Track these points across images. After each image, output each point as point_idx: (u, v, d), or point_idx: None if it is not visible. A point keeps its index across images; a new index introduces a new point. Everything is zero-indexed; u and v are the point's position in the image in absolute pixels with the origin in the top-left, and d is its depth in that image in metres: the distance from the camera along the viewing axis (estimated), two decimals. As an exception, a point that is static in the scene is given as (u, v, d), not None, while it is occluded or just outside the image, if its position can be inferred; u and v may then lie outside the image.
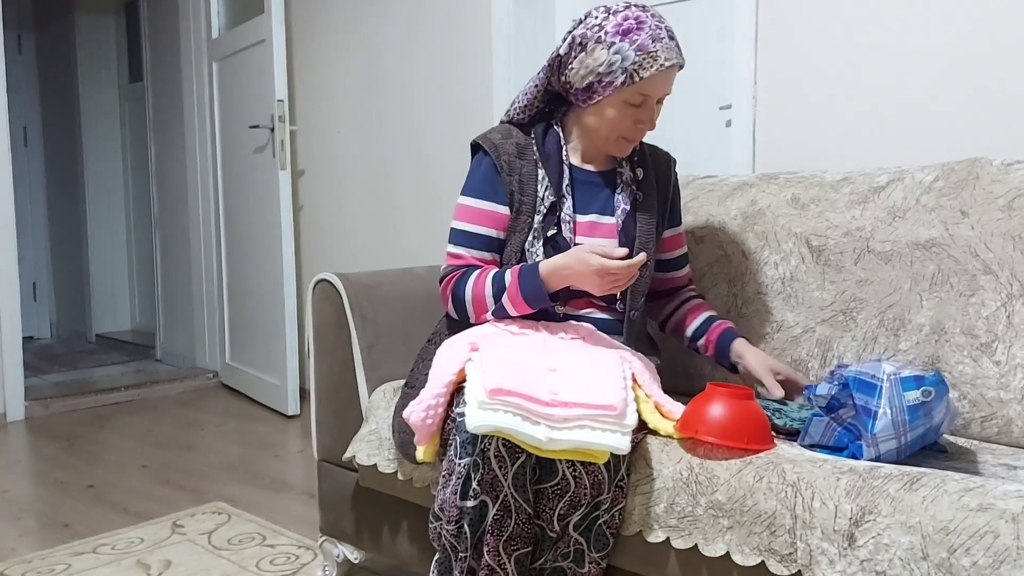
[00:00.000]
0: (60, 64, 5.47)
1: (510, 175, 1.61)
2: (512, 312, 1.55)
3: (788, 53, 2.31)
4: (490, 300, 1.56)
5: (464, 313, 1.61)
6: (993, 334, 1.53)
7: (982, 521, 1.08)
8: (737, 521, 1.27)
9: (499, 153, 1.62)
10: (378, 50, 3.49)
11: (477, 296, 1.57)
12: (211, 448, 3.13)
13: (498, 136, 1.65)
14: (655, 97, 1.57)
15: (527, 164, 1.62)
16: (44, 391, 4.00)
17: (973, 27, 2.01)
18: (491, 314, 1.57)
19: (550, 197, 1.60)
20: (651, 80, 1.53)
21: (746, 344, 1.66)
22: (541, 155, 1.63)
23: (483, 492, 1.31)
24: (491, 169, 1.63)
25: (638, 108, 1.57)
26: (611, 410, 1.28)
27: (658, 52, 1.51)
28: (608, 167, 1.68)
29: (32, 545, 2.24)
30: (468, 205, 1.64)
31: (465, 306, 1.59)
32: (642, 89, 1.54)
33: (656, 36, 1.52)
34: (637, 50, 1.51)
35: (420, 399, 1.42)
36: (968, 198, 1.61)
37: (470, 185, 1.66)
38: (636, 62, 1.51)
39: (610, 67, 1.53)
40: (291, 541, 2.22)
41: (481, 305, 1.57)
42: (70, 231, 5.57)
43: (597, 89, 1.56)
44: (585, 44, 1.55)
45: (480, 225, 1.63)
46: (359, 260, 3.68)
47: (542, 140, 1.64)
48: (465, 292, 1.59)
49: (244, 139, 3.78)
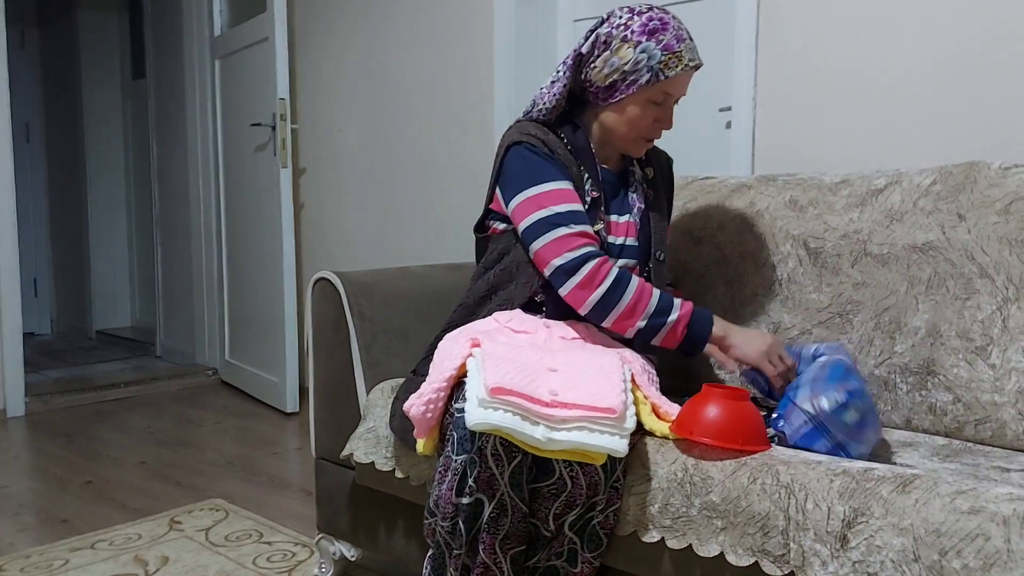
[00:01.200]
0: (63, 60, 5.48)
1: (567, 166, 1.60)
2: (658, 341, 1.54)
3: (788, 56, 2.31)
4: (647, 314, 1.52)
5: (607, 309, 1.52)
6: (988, 337, 1.54)
7: (973, 524, 1.08)
8: (731, 522, 1.28)
9: (550, 149, 1.60)
10: (380, 49, 3.50)
11: (638, 302, 1.52)
12: (209, 445, 3.14)
13: (539, 133, 1.61)
14: (675, 96, 1.62)
15: (572, 161, 1.63)
16: (44, 387, 4.01)
17: (972, 31, 2.02)
18: (639, 328, 1.53)
19: (593, 193, 1.62)
20: (675, 79, 1.58)
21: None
22: (575, 153, 1.64)
23: (479, 490, 1.31)
24: (546, 158, 1.59)
25: (659, 107, 1.60)
26: (611, 413, 1.28)
27: (683, 52, 1.56)
28: (621, 167, 1.72)
29: (30, 540, 2.25)
30: (552, 188, 1.56)
31: (617, 302, 1.52)
32: (666, 88, 1.58)
33: (680, 37, 1.57)
34: (664, 49, 1.55)
35: (420, 392, 1.42)
36: (965, 201, 1.62)
37: (534, 173, 1.57)
38: (663, 61, 1.55)
39: (636, 65, 1.56)
40: (288, 538, 2.23)
41: (635, 312, 1.52)
42: (71, 227, 5.58)
43: (620, 88, 1.58)
44: (610, 43, 1.58)
45: (577, 204, 1.56)
46: (359, 258, 3.68)
47: (574, 140, 1.65)
48: (628, 290, 1.52)
49: (246, 137, 3.79)
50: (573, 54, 1.62)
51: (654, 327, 1.53)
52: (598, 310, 1.52)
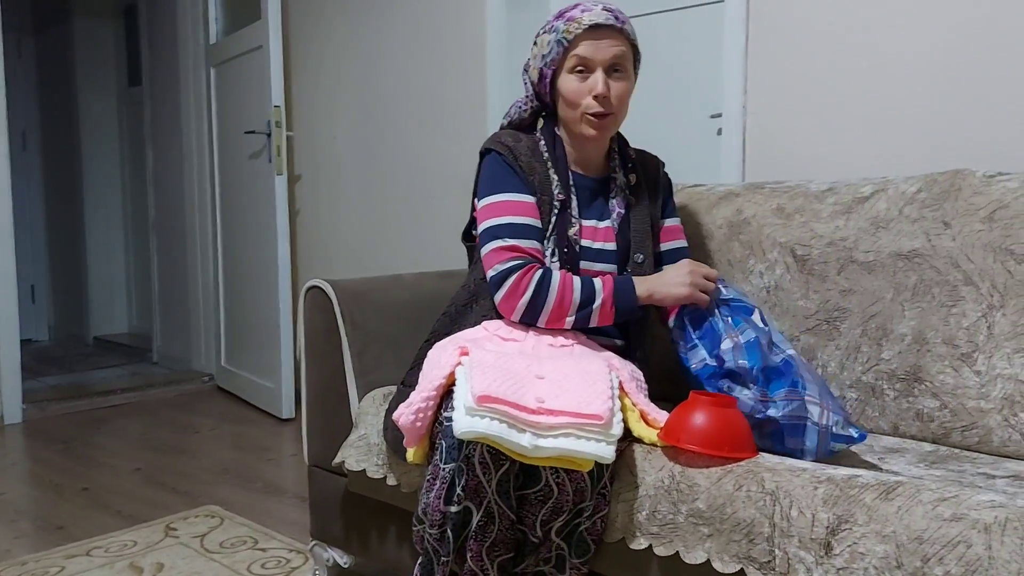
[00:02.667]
0: (59, 68, 5.50)
1: (530, 175, 1.64)
2: (595, 322, 1.58)
3: (777, 63, 2.33)
4: (574, 307, 1.55)
5: (535, 313, 1.56)
6: (974, 344, 1.55)
7: (955, 531, 1.09)
8: (717, 529, 1.29)
9: (515, 154, 1.65)
10: (374, 57, 3.51)
11: (563, 299, 1.55)
12: (205, 451, 3.15)
13: (508, 139, 1.68)
14: (595, 62, 1.60)
15: (540, 165, 1.65)
16: (42, 394, 4.02)
17: (958, 39, 2.03)
18: (570, 322, 1.56)
19: (560, 196, 1.64)
20: (578, 40, 1.60)
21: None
22: (551, 156, 1.67)
23: (467, 498, 1.33)
24: (509, 167, 1.64)
25: (583, 76, 1.61)
26: (597, 419, 1.30)
27: (583, 17, 1.60)
28: (603, 174, 1.72)
29: (26, 547, 2.26)
30: (502, 200, 1.62)
31: (543, 306, 1.55)
32: (576, 52, 1.60)
33: (585, 8, 1.62)
34: (566, 21, 1.61)
35: (409, 402, 1.43)
36: (950, 209, 1.63)
37: (494, 183, 1.64)
38: (564, 29, 1.60)
39: (548, 45, 1.63)
40: (283, 545, 2.24)
41: (562, 309, 1.55)
42: (68, 234, 5.59)
43: (546, 73, 1.64)
44: (535, 40, 1.67)
45: (523, 216, 1.61)
46: (354, 265, 3.70)
47: (552, 143, 1.68)
48: (550, 292, 1.55)
49: (241, 144, 3.80)
50: (524, 64, 1.72)
51: (585, 316, 1.57)
52: (528, 315, 1.57)
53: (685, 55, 2.64)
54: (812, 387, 1.44)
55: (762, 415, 1.45)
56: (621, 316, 1.59)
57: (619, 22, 1.61)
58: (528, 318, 1.57)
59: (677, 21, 2.65)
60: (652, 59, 2.72)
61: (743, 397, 1.48)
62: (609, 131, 1.66)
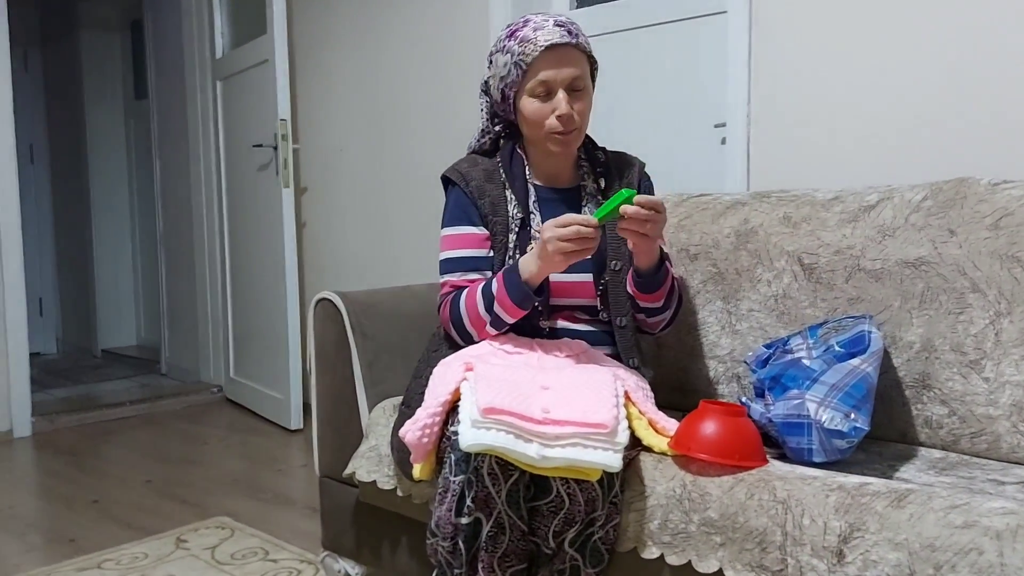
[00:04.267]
0: (66, 81, 5.53)
1: (481, 199, 1.66)
2: (508, 319, 1.58)
3: (781, 73, 2.34)
4: (483, 312, 1.58)
5: (466, 333, 1.62)
6: (982, 351, 1.56)
7: (967, 538, 1.10)
8: (729, 538, 1.30)
9: (466, 181, 1.68)
10: (379, 69, 3.54)
11: (471, 312, 1.60)
12: (215, 462, 3.16)
13: (464, 165, 1.71)
14: (556, 83, 1.58)
15: (495, 187, 1.67)
16: (50, 407, 4.04)
17: (963, 48, 2.04)
18: (490, 326, 1.59)
19: (519, 215, 1.65)
20: (538, 64, 1.57)
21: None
22: (508, 176, 1.68)
23: (477, 509, 1.34)
24: (462, 196, 1.68)
25: (546, 98, 1.60)
26: (603, 428, 1.31)
27: (538, 37, 1.57)
28: (573, 183, 1.72)
29: (37, 561, 2.27)
30: (448, 234, 1.70)
31: (464, 325, 1.62)
32: (536, 76, 1.58)
33: (538, 26, 1.59)
34: (521, 42, 1.59)
35: (416, 418, 1.45)
36: (956, 217, 1.64)
37: (446, 217, 1.71)
38: (520, 51, 1.58)
39: (505, 67, 1.61)
40: (293, 556, 2.25)
41: (478, 320, 1.59)
42: (76, 247, 5.62)
43: (508, 94, 1.64)
44: (491, 60, 1.66)
45: (462, 248, 1.67)
46: (362, 276, 3.71)
47: (509, 163, 1.70)
48: (460, 311, 1.61)
49: (248, 157, 3.82)
50: (481, 84, 1.72)
51: (496, 316, 1.58)
52: (459, 334, 1.64)
53: (689, 65, 2.66)
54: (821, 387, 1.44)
55: (766, 419, 1.46)
56: (523, 303, 1.55)
57: (573, 36, 1.59)
58: (461, 337, 1.64)
59: (681, 32, 2.66)
60: (656, 69, 2.74)
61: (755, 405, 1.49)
62: (574, 145, 1.66)
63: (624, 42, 2.80)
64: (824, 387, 1.44)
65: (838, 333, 1.59)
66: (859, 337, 1.55)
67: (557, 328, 1.65)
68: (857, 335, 1.55)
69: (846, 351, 1.53)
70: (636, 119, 2.80)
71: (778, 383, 1.52)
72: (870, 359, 1.48)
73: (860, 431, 1.40)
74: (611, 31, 2.83)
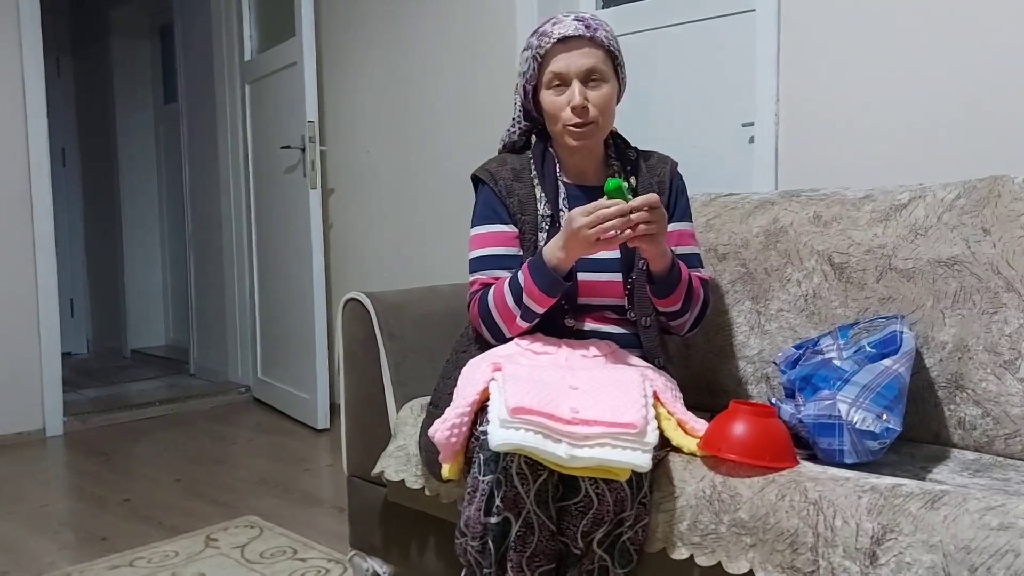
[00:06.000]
0: (97, 86, 5.61)
1: (509, 197, 1.67)
2: (538, 309, 1.56)
3: (809, 71, 2.32)
4: (513, 306, 1.57)
5: (496, 329, 1.62)
6: (1016, 351, 1.54)
7: (1003, 540, 1.08)
8: (760, 539, 1.29)
9: (495, 180, 1.69)
10: (406, 72, 3.55)
11: (500, 307, 1.59)
12: (243, 462, 3.19)
13: (494, 165, 1.72)
14: (569, 74, 1.60)
15: (524, 185, 1.68)
16: (82, 406, 4.09)
17: (994, 45, 2.02)
18: (520, 319, 1.58)
19: (548, 213, 1.65)
20: (551, 56, 1.61)
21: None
22: (539, 174, 1.69)
23: (506, 509, 1.34)
24: (491, 195, 1.69)
25: (560, 90, 1.61)
26: (631, 428, 1.30)
27: (553, 30, 1.61)
28: (601, 182, 1.71)
29: (70, 559, 2.30)
30: (477, 233, 1.71)
31: (495, 321, 1.61)
32: (550, 68, 1.61)
33: (557, 21, 1.62)
34: (539, 36, 1.62)
35: (445, 418, 1.45)
36: (990, 215, 1.62)
37: (476, 216, 1.72)
38: (537, 46, 1.62)
39: (526, 63, 1.65)
40: (321, 555, 2.26)
41: (507, 314, 1.59)
42: (106, 249, 5.69)
43: (528, 89, 1.67)
44: (520, 59, 1.69)
45: (491, 247, 1.68)
46: (388, 277, 3.73)
47: (540, 161, 1.71)
48: (489, 307, 1.61)
49: (276, 159, 3.85)
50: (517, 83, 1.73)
51: (526, 308, 1.56)
52: (490, 331, 1.64)
53: (717, 64, 2.64)
54: (853, 388, 1.43)
55: (796, 420, 1.45)
56: (552, 289, 1.53)
57: (589, 31, 1.60)
58: (493, 334, 1.63)
59: (708, 30, 2.65)
60: (684, 68, 2.73)
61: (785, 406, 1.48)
62: (593, 139, 1.65)
63: (651, 41, 2.80)
64: (856, 388, 1.42)
65: (869, 333, 1.58)
66: (891, 337, 1.53)
67: (585, 329, 1.65)
68: (889, 335, 1.54)
69: (877, 351, 1.52)
70: (664, 119, 2.79)
71: (809, 383, 1.51)
72: (902, 359, 1.47)
73: (892, 432, 1.39)
74: (638, 30, 2.82)
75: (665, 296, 1.60)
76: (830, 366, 1.51)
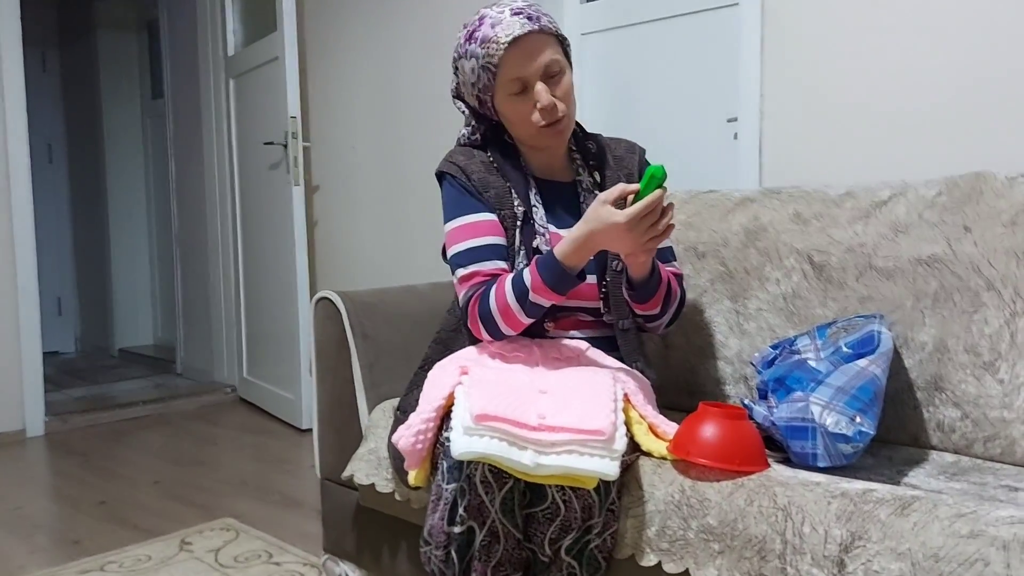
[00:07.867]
0: (83, 81, 5.56)
1: (485, 192, 1.58)
2: (547, 305, 1.47)
3: (794, 67, 2.29)
4: (516, 306, 1.47)
5: (497, 330, 1.51)
6: (996, 352, 1.50)
7: (972, 548, 1.05)
8: (728, 545, 1.25)
9: (467, 173, 1.59)
10: (391, 67, 3.51)
11: (502, 307, 1.48)
12: (224, 463, 3.15)
13: (461, 158, 1.62)
14: (530, 76, 1.51)
15: (497, 179, 1.59)
16: (65, 406, 4.05)
17: (978, 41, 1.98)
18: (526, 319, 1.48)
19: (521, 208, 1.57)
20: (507, 62, 1.50)
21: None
22: (502, 170, 1.60)
23: (470, 518, 1.30)
24: (463, 189, 1.59)
25: (525, 96, 1.52)
26: (599, 435, 1.26)
27: (498, 33, 1.49)
28: (569, 177, 1.66)
29: (41, 562, 2.26)
30: (459, 225, 1.57)
31: (495, 322, 1.50)
32: (508, 75, 1.51)
33: (496, 21, 1.51)
34: (482, 43, 1.51)
35: (409, 424, 1.41)
36: (971, 213, 1.58)
37: (451, 208, 1.59)
38: (486, 54, 1.50)
39: (475, 73, 1.54)
40: (297, 559, 2.22)
41: (509, 314, 1.48)
42: (94, 246, 5.65)
43: (484, 99, 1.57)
44: (456, 66, 1.59)
45: (479, 236, 1.55)
46: (373, 275, 3.69)
47: (502, 158, 1.62)
48: (490, 307, 1.50)
49: (260, 155, 3.81)
50: (451, 91, 1.65)
51: (532, 306, 1.46)
52: (490, 332, 1.52)
53: (700, 59, 2.60)
54: (827, 389, 1.39)
55: (769, 422, 1.41)
56: (561, 286, 1.44)
57: (533, 22, 1.50)
58: (492, 335, 1.52)
59: (692, 25, 2.61)
60: (667, 63, 2.69)
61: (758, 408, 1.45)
62: (567, 132, 1.59)
63: (635, 36, 2.76)
64: (830, 389, 1.39)
65: (847, 333, 1.55)
66: (868, 337, 1.50)
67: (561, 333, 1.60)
68: (866, 335, 1.50)
69: (854, 352, 1.48)
70: (647, 113, 2.75)
71: (782, 385, 1.48)
72: (878, 360, 1.43)
73: (866, 436, 1.35)
74: (621, 25, 2.78)
75: (645, 301, 1.56)
76: (805, 367, 1.48)
